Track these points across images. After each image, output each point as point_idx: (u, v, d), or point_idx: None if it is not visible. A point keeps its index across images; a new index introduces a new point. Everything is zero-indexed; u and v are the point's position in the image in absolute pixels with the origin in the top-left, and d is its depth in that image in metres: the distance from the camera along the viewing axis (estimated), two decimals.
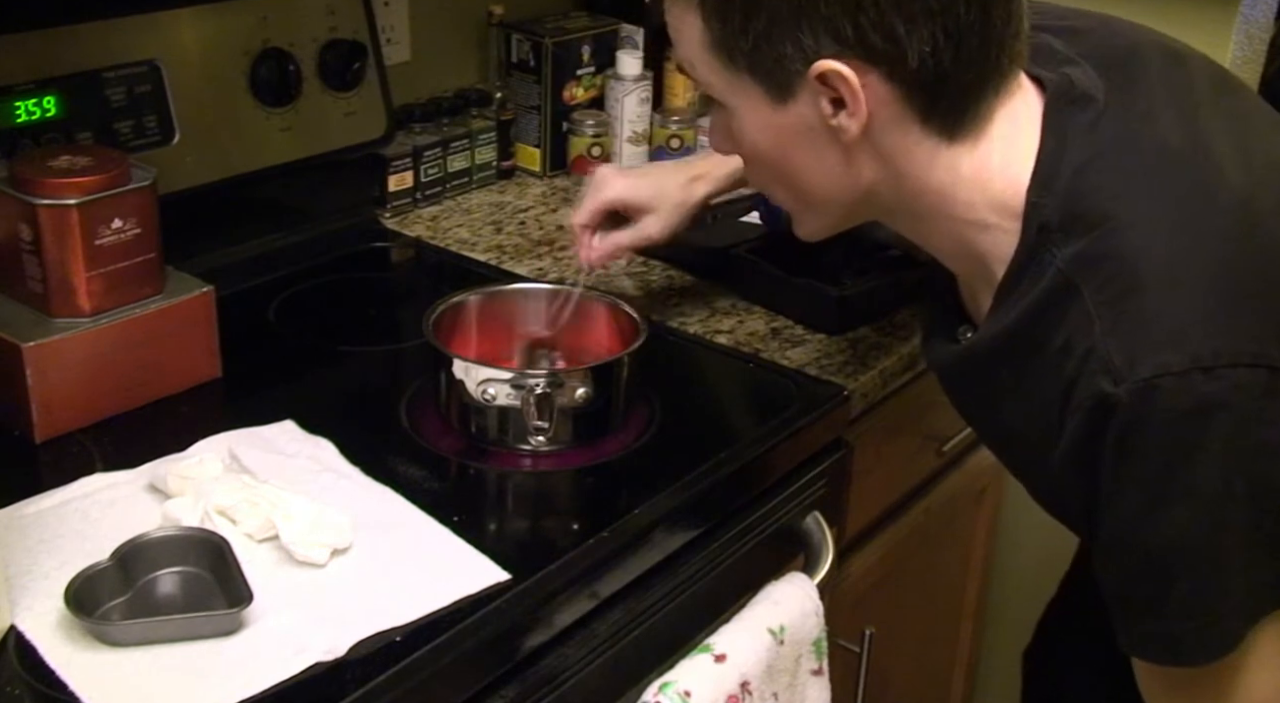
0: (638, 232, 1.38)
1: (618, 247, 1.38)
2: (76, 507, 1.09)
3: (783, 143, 1.01)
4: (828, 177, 1.01)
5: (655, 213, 1.37)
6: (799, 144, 1.00)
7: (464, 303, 1.33)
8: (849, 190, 1.02)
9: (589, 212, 1.38)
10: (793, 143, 1.00)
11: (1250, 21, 1.72)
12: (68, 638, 0.96)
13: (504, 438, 1.22)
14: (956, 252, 1.04)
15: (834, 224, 1.09)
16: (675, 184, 1.38)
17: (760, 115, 1.00)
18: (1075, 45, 1.02)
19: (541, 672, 1.05)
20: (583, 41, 1.87)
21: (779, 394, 1.35)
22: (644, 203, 1.37)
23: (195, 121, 1.46)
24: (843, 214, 1.07)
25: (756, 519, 1.27)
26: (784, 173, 1.04)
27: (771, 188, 1.09)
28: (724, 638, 1.17)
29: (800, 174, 1.03)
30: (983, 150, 0.98)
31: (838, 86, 0.94)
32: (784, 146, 1.01)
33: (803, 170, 1.02)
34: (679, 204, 1.38)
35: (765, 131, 1.01)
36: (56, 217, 1.18)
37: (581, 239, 1.38)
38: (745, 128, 1.02)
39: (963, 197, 0.99)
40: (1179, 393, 0.88)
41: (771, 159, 1.03)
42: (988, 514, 1.90)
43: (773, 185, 1.08)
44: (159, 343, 1.25)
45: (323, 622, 0.98)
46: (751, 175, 1.10)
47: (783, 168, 1.03)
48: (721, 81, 1.00)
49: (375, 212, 1.71)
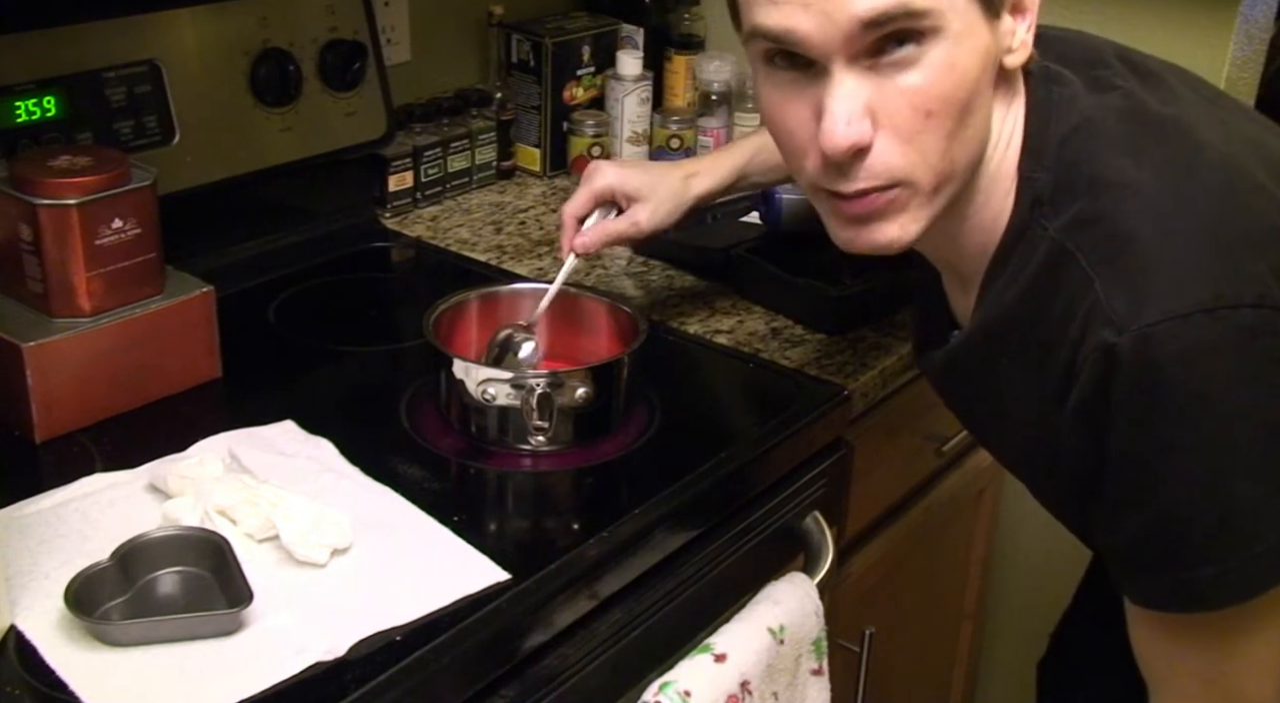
0: (628, 220, 1.36)
1: (606, 233, 1.36)
2: (76, 507, 1.09)
3: (984, 72, 0.94)
4: (983, 125, 0.96)
5: (646, 202, 1.35)
6: (988, 76, 0.95)
7: (464, 303, 1.33)
8: (981, 149, 0.97)
9: (581, 201, 1.36)
10: (986, 75, 0.94)
11: (1250, 21, 1.72)
12: (68, 638, 0.96)
13: (504, 438, 1.22)
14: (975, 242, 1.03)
15: (936, 214, 0.98)
16: (671, 179, 1.37)
17: (979, 37, 0.92)
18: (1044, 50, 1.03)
19: (541, 672, 1.05)
20: (583, 41, 1.87)
21: (779, 394, 1.35)
22: (635, 191, 1.35)
23: (195, 121, 1.46)
24: (954, 193, 0.98)
25: (756, 519, 1.27)
26: (959, 121, 0.94)
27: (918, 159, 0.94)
28: (724, 638, 1.17)
29: (973, 119, 0.95)
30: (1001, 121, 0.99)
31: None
32: (983, 79, 0.94)
33: (978, 112, 0.95)
34: (672, 195, 1.36)
35: (979, 55, 0.93)
36: (56, 217, 1.18)
37: (568, 228, 1.36)
38: (959, 57, 0.92)
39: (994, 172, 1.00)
40: (1183, 336, 0.88)
41: (967, 94, 0.93)
42: (987, 514, 1.90)
43: (923, 152, 0.94)
44: (159, 343, 1.25)
45: (323, 622, 0.98)
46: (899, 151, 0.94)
47: (965, 111, 0.94)
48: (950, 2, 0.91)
49: (375, 211, 1.71)
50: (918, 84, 0.91)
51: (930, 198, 0.96)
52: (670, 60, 1.95)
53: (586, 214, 1.37)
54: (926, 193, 0.96)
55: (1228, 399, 0.89)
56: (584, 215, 1.36)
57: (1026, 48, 0.97)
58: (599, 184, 1.36)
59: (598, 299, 1.37)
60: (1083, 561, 1.36)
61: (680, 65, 1.94)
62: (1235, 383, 0.89)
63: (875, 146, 0.93)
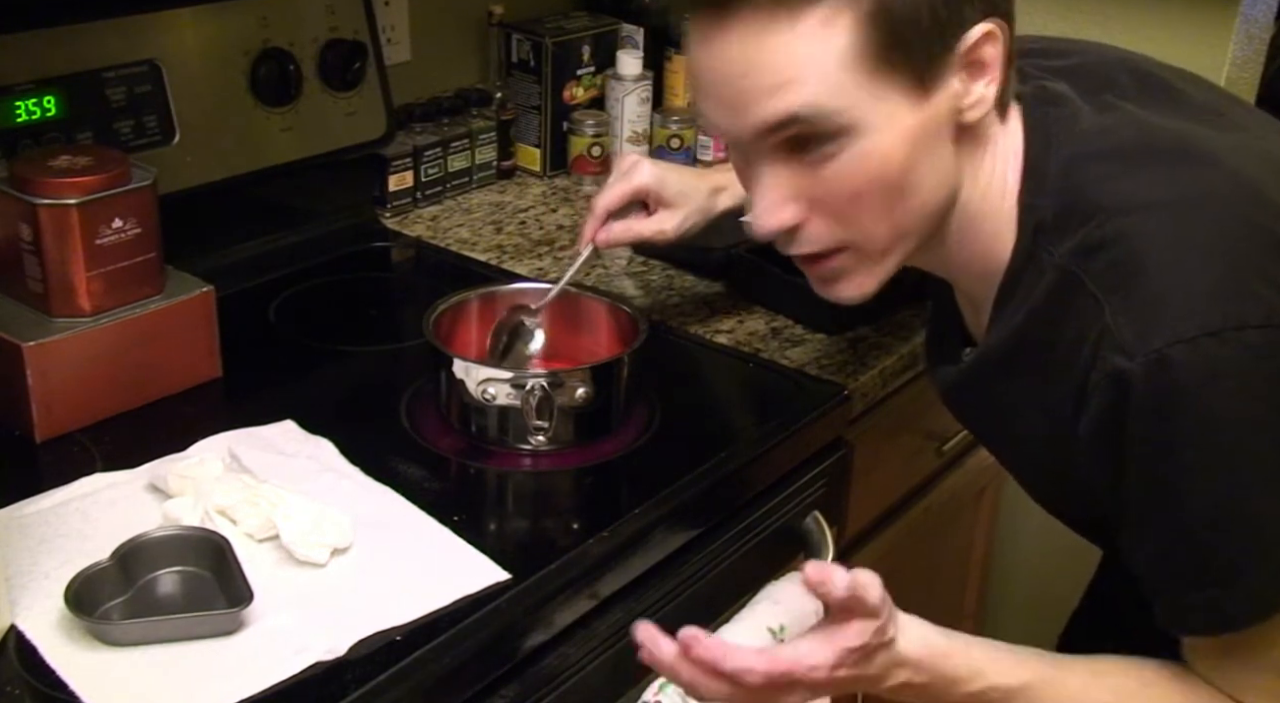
0: (656, 224, 1.36)
1: (632, 233, 1.36)
2: (76, 507, 1.09)
3: (913, 150, 0.94)
4: (933, 189, 0.97)
5: (677, 210, 1.35)
6: (925, 148, 0.95)
7: (464, 303, 1.33)
8: (942, 202, 0.98)
9: (619, 195, 1.34)
10: (921, 148, 0.95)
11: (1250, 21, 1.72)
12: (68, 638, 0.96)
13: (504, 438, 1.22)
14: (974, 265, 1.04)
15: (894, 267, 1.02)
16: (701, 189, 1.37)
17: (896, 124, 0.93)
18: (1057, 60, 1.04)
19: (541, 672, 1.05)
20: (583, 41, 1.87)
21: (779, 394, 1.35)
22: (670, 198, 1.35)
23: (195, 121, 1.46)
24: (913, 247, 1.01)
25: (756, 519, 1.27)
26: (894, 194, 0.96)
27: (855, 231, 0.98)
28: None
29: (913, 188, 0.96)
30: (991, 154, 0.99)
31: (982, 51, 0.93)
32: (911, 155, 0.94)
33: (916, 186, 0.96)
34: (700, 209, 1.36)
35: (903, 139, 0.93)
36: (56, 217, 1.18)
37: (597, 218, 1.34)
38: (879, 146, 0.93)
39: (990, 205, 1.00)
40: (1193, 359, 0.88)
41: (895, 176, 0.95)
42: (988, 514, 1.91)
43: (868, 216, 0.97)
44: (159, 343, 1.25)
45: (323, 622, 0.98)
46: (834, 227, 0.98)
47: (899, 185, 0.95)
48: (854, 101, 0.91)
49: (375, 211, 1.71)
50: (840, 174, 0.94)
51: (881, 258, 1.00)
52: (670, 60, 1.95)
53: (619, 210, 1.36)
54: (875, 255, 1.00)
55: (1240, 419, 0.90)
56: (616, 211, 1.35)
57: (986, 102, 0.95)
58: (638, 182, 1.35)
59: (598, 299, 1.37)
60: (1083, 560, 1.36)
61: (680, 65, 1.94)
62: (1246, 402, 0.90)
63: (809, 224, 0.98)
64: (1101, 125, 0.98)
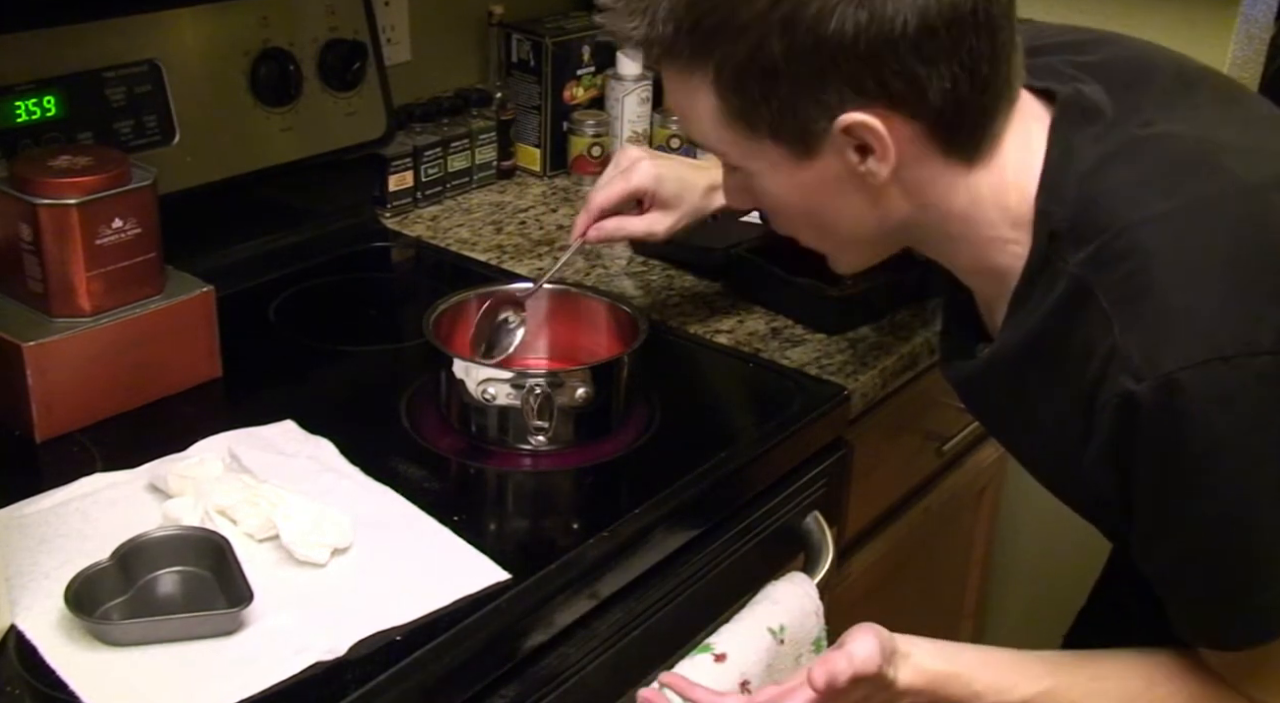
0: (647, 225, 1.37)
1: (623, 231, 1.37)
2: (76, 507, 1.09)
3: (811, 196, 1.00)
4: (858, 219, 1.01)
5: (670, 211, 1.36)
6: (827, 194, 0.99)
7: (464, 303, 1.33)
8: (879, 228, 1.02)
9: (617, 194, 1.35)
10: (820, 194, 1.00)
11: (1250, 21, 1.72)
12: (68, 638, 0.96)
13: (504, 438, 1.22)
14: (980, 269, 1.04)
15: (870, 257, 1.09)
16: (697, 190, 1.37)
17: (784, 174, 0.99)
18: (1085, 56, 1.03)
19: (541, 672, 1.05)
20: (583, 41, 1.87)
21: (779, 394, 1.35)
22: (666, 199, 1.36)
23: (195, 121, 1.46)
24: (876, 249, 1.07)
25: (756, 519, 1.27)
26: (814, 223, 1.04)
27: (800, 234, 1.08)
28: (724, 638, 1.17)
29: (831, 221, 1.02)
30: (997, 168, 0.98)
31: (864, 136, 0.94)
32: (811, 200, 1.00)
33: (834, 217, 1.02)
34: (694, 210, 1.37)
35: (791, 189, 1.00)
36: (56, 217, 1.18)
37: (591, 214, 1.35)
38: (769, 187, 1.01)
39: (984, 217, 1.00)
40: (1202, 384, 0.88)
41: (799, 211, 1.03)
42: (988, 514, 1.91)
43: (801, 232, 1.07)
44: (159, 343, 1.25)
45: (323, 622, 0.98)
46: (778, 224, 1.08)
47: (813, 218, 1.03)
48: (739, 150, 0.99)
49: (375, 211, 1.71)
50: (756, 194, 1.04)
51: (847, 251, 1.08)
52: None
53: (616, 208, 1.36)
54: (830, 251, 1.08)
55: (1249, 444, 0.90)
56: (613, 209, 1.36)
57: (879, 176, 0.96)
58: (637, 182, 1.35)
59: (598, 299, 1.37)
60: (1083, 560, 1.36)
61: None
62: (1256, 428, 0.89)
63: None
64: (1124, 134, 0.97)
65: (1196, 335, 0.89)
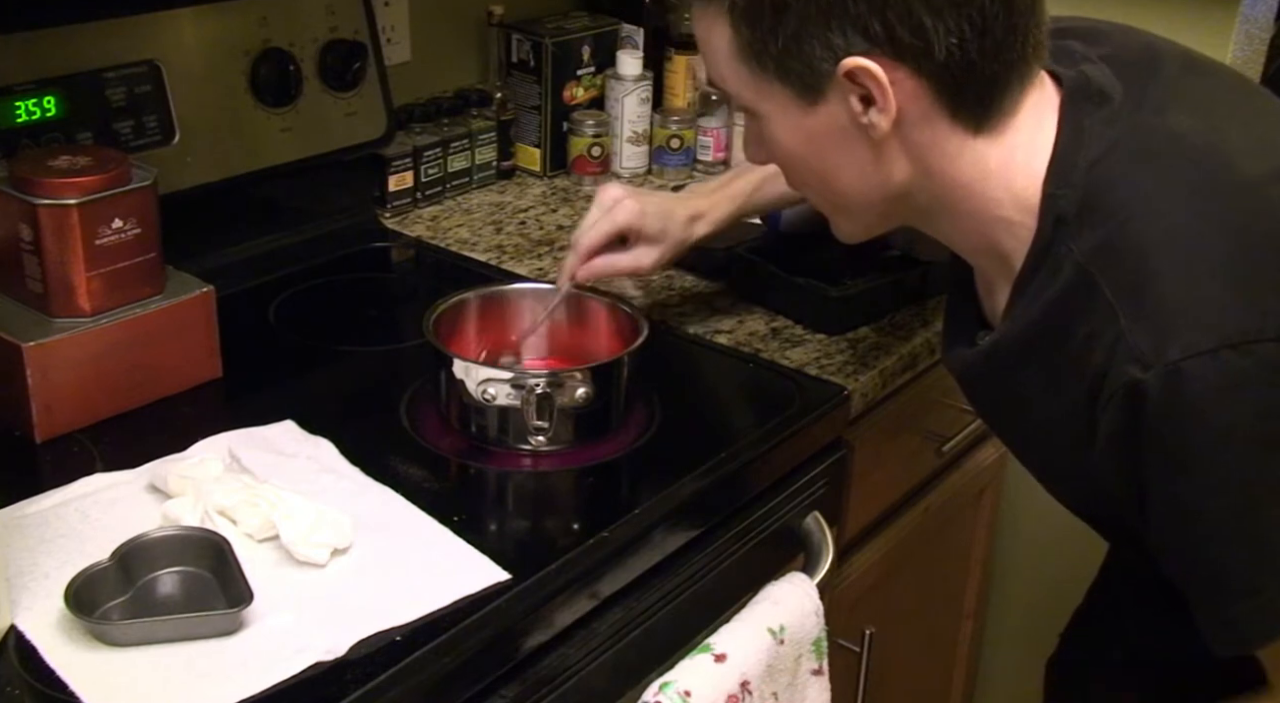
0: (633, 261, 1.38)
1: (611, 269, 1.38)
2: (76, 507, 1.09)
3: (815, 144, 1.02)
4: (861, 176, 1.02)
5: (655, 245, 1.37)
6: (831, 144, 1.01)
7: (464, 303, 1.33)
8: (881, 189, 1.03)
9: (603, 235, 1.36)
10: (825, 144, 1.02)
11: (1250, 21, 1.72)
12: (68, 638, 0.96)
13: (504, 438, 1.22)
14: (984, 249, 1.05)
15: (871, 226, 1.10)
16: (678, 222, 1.38)
17: (791, 119, 1.01)
18: (1095, 47, 1.03)
19: (541, 672, 1.05)
20: (583, 41, 1.87)
21: (779, 394, 1.35)
22: (650, 234, 1.37)
23: (195, 121, 1.46)
24: (878, 215, 1.08)
25: (756, 519, 1.27)
26: (819, 175, 1.05)
27: (808, 190, 1.10)
28: (724, 638, 1.17)
29: (834, 175, 1.04)
30: (1008, 144, 0.99)
31: (867, 84, 0.95)
32: (817, 148, 1.02)
33: (836, 171, 1.03)
34: (676, 243, 1.39)
35: (797, 134, 1.02)
36: (56, 217, 1.18)
37: (580, 257, 1.35)
38: (777, 133, 1.03)
39: (990, 193, 1.00)
40: (1209, 372, 0.88)
41: (805, 162, 1.05)
42: (988, 514, 1.90)
43: (809, 187, 1.09)
44: (159, 343, 1.25)
45: (323, 622, 0.98)
46: (790, 179, 1.11)
47: (817, 170, 1.05)
48: (750, 90, 1.01)
49: (375, 211, 1.71)
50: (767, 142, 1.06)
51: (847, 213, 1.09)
52: (670, 60, 1.95)
53: (603, 249, 1.36)
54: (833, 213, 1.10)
55: (1256, 432, 0.90)
56: (600, 250, 1.36)
57: (880, 128, 0.97)
58: (621, 221, 1.36)
59: (598, 299, 1.37)
60: (1083, 560, 1.36)
61: (680, 65, 1.93)
62: (1262, 416, 0.90)
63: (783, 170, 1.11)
64: (1134, 122, 0.98)
65: (1203, 325, 0.89)
